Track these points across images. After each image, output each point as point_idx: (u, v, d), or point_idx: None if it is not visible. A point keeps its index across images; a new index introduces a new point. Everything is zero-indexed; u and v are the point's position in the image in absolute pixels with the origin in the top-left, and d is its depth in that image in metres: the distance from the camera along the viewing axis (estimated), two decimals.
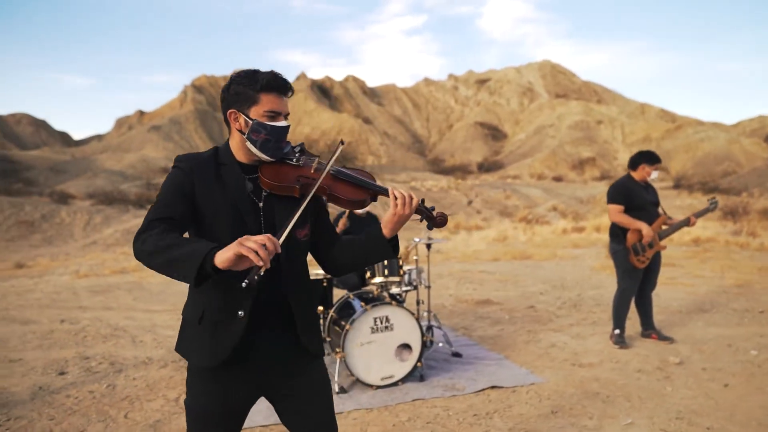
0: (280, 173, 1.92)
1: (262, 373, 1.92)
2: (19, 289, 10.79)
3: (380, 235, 1.94)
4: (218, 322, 1.84)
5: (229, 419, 1.91)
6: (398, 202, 1.89)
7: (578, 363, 4.89)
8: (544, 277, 10.21)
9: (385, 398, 4.10)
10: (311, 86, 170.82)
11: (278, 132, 1.88)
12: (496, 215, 41.43)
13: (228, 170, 1.90)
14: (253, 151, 1.89)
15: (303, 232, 1.98)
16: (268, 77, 1.86)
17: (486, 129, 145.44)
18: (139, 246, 1.66)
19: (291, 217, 1.78)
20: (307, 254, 2.06)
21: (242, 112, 1.86)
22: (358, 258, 2.01)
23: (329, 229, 2.09)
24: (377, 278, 4.79)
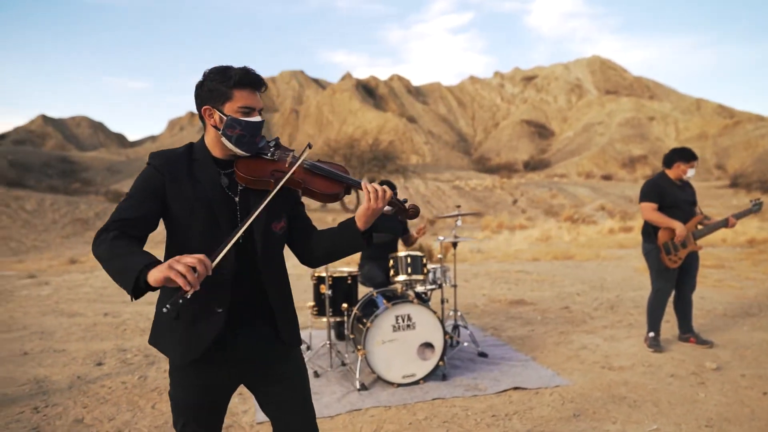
0: (255, 168, 1.93)
1: (241, 364, 1.95)
2: (70, 284, 11.30)
3: (354, 228, 1.94)
4: (195, 318, 1.86)
5: (209, 409, 1.97)
6: (371, 195, 1.90)
7: (608, 366, 4.75)
8: (583, 277, 9.95)
9: (404, 396, 4.09)
10: (356, 86, 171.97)
11: (253, 127, 1.90)
12: (541, 214, 40.67)
13: (201, 166, 1.91)
14: (229, 146, 1.90)
15: (279, 225, 2.00)
16: (241, 73, 1.86)
17: (532, 127, 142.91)
18: (95, 248, 1.69)
19: (253, 212, 1.79)
20: (284, 246, 2.08)
21: (216, 109, 1.88)
22: (333, 250, 2.02)
23: (305, 221, 2.10)
24: (400, 276, 4.78)
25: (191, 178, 1.87)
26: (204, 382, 1.91)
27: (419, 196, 44.66)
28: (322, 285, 4.84)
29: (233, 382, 1.99)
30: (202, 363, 1.88)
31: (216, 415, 2.01)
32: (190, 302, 1.56)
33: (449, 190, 48.74)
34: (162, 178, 1.83)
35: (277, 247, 2.01)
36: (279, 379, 2.00)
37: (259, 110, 1.94)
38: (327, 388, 4.33)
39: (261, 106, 1.94)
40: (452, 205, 45.29)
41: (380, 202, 1.90)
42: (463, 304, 7.57)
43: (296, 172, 1.93)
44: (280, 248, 2.04)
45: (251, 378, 2.01)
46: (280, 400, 2.01)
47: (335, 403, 4.00)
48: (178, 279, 1.47)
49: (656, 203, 5.08)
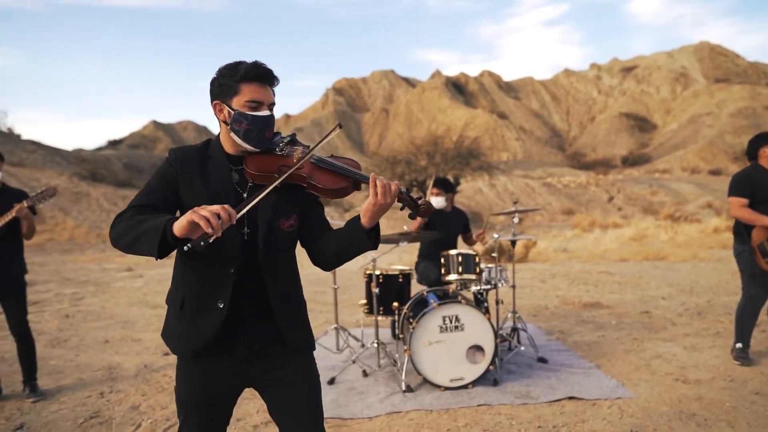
0: (263, 163, 1.90)
1: (245, 364, 1.90)
2: (160, 277, 12.05)
3: (359, 225, 1.83)
4: (198, 310, 1.85)
5: (212, 407, 1.92)
6: (378, 190, 1.78)
7: (683, 378, 4.30)
8: (673, 279, 9.19)
9: (449, 401, 3.92)
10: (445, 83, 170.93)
11: (260, 122, 1.86)
12: (638, 212, 38.30)
13: (214, 162, 1.91)
14: (238, 141, 1.89)
15: (288, 223, 1.93)
16: (249, 67, 1.85)
17: (632, 120, 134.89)
18: (112, 231, 1.74)
19: (254, 197, 1.73)
20: (294, 246, 2.00)
21: (225, 103, 1.87)
22: (340, 250, 1.91)
23: (318, 221, 2.01)
24: (452, 275, 4.60)
25: (202, 173, 1.89)
26: (206, 379, 1.89)
27: (507, 194, 43.53)
28: (372, 283, 4.77)
29: (237, 382, 1.95)
30: (205, 359, 1.87)
31: (219, 415, 1.97)
32: (209, 246, 1.56)
33: (539, 187, 47.10)
34: (175, 173, 1.86)
35: (285, 244, 1.94)
36: (284, 384, 1.93)
37: (269, 105, 1.89)
38: (373, 388, 4.25)
39: (271, 101, 1.90)
40: (542, 202, 43.74)
41: (387, 198, 1.79)
42: (532, 306, 7.22)
43: (303, 167, 1.87)
44: (289, 247, 1.97)
45: (256, 379, 1.95)
46: (285, 406, 1.94)
47: (377, 404, 3.91)
48: (201, 222, 1.50)
49: (747, 198, 4.53)
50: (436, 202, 5.34)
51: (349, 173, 1.87)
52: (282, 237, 1.92)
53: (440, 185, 5.38)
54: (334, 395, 4.12)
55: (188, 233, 1.55)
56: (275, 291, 1.90)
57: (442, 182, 5.42)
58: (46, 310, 8.20)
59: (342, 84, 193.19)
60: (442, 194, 5.35)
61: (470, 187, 41.75)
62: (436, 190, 5.35)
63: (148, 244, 1.60)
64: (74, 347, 5.86)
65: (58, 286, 10.91)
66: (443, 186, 5.39)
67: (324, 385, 4.34)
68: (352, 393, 4.16)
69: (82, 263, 15.40)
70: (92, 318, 7.58)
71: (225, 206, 1.55)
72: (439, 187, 5.36)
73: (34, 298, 9.21)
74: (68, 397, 4.36)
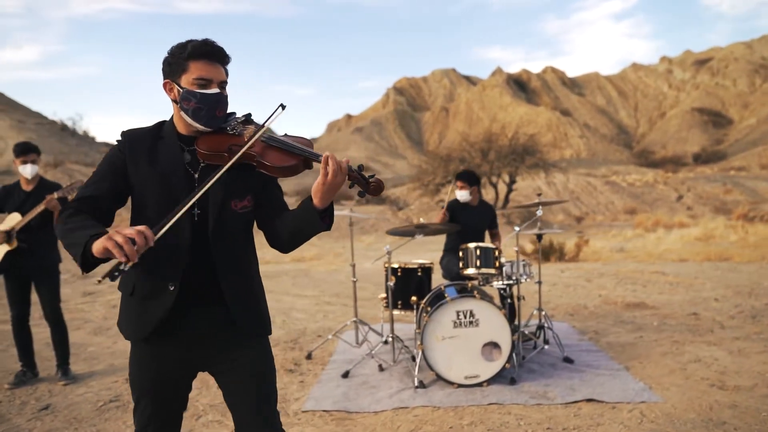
0: (213, 142, 1.87)
1: (195, 346, 1.88)
2: None
3: (310, 206, 1.77)
4: (148, 293, 1.84)
5: (163, 390, 1.90)
6: (329, 168, 1.71)
7: (720, 384, 3.97)
8: (732, 281, 8.59)
9: (460, 398, 3.79)
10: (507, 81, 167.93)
11: (209, 99, 1.83)
12: (708, 212, 36.20)
13: (165, 143, 1.90)
14: (188, 120, 1.87)
15: (241, 204, 1.89)
16: (197, 44, 1.84)
17: (705, 115, 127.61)
18: (55, 229, 1.76)
19: (202, 187, 1.72)
20: (249, 228, 1.96)
21: (175, 82, 1.86)
22: (294, 231, 1.86)
23: (274, 201, 1.96)
24: (470, 269, 4.46)
25: (151, 154, 1.87)
26: (156, 361, 1.88)
27: (567, 192, 42.13)
28: (392, 276, 4.69)
29: (188, 366, 1.93)
30: (155, 341, 1.85)
31: (171, 399, 1.95)
32: (126, 273, 1.59)
33: (601, 185, 45.30)
34: (123, 156, 1.86)
35: (237, 226, 1.91)
36: (234, 368, 1.90)
37: (220, 83, 1.86)
38: (386, 383, 4.17)
39: (222, 80, 1.88)
40: (603, 201, 42.14)
41: (337, 176, 1.72)
42: (570, 305, 6.92)
43: (254, 146, 1.83)
44: (242, 228, 1.93)
45: (207, 363, 1.93)
46: (234, 391, 1.92)
47: (386, 399, 3.83)
48: (114, 250, 1.50)
49: None
50: (461, 195, 5.20)
51: (298, 151, 1.82)
52: (234, 218, 1.88)
53: (464, 178, 5.23)
54: (345, 388, 4.08)
55: (106, 255, 1.54)
56: (226, 273, 1.87)
57: (466, 175, 5.27)
58: (97, 300, 8.60)
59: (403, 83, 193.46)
60: (466, 187, 5.20)
61: (528, 186, 40.73)
62: (460, 183, 5.21)
63: (74, 257, 1.61)
64: (114, 335, 6.10)
65: None
66: (467, 179, 5.23)
67: (338, 378, 4.31)
68: (364, 387, 4.10)
69: None
70: None
71: (141, 230, 1.54)
72: (463, 180, 5.21)
73: (89, 289, 9.69)
74: (96, 382, 4.53)
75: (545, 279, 9.36)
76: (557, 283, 8.89)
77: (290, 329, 6.12)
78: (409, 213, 28.74)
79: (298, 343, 5.49)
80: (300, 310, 7.31)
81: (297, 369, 4.65)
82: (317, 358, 4.95)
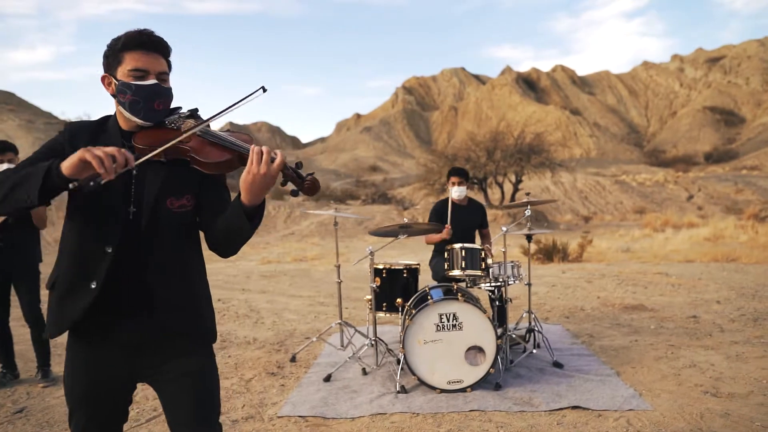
0: (150, 137, 1.76)
1: (130, 355, 1.77)
2: (210, 271, 12.30)
3: (238, 203, 1.65)
4: (68, 289, 1.73)
5: (98, 401, 1.79)
6: (254, 157, 1.59)
7: (714, 391, 3.82)
8: (737, 282, 8.38)
9: (441, 404, 3.66)
10: (516, 79, 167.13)
11: (146, 91, 1.73)
12: (719, 212, 35.73)
13: (106, 137, 1.80)
14: (126, 115, 1.77)
15: (178, 203, 1.78)
16: (132, 34, 1.74)
17: (717, 114, 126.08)
18: None
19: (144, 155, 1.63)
20: (189, 228, 1.84)
21: (112, 75, 1.76)
22: (226, 231, 1.74)
23: (215, 202, 1.84)
24: (455, 271, 4.33)
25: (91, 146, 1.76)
26: (90, 370, 1.76)
27: (575, 192, 41.80)
28: (377, 278, 4.57)
29: (124, 375, 1.80)
30: (87, 348, 1.75)
31: (107, 411, 1.83)
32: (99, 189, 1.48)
33: (610, 185, 44.85)
34: (62, 142, 1.76)
35: (173, 226, 1.79)
36: (171, 379, 1.78)
37: (159, 74, 1.75)
38: (368, 387, 4.05)
39: (161, 70, 1.77)
40: (612, 201, 41.74)
41: (264, 168, 1.59)
42: (567, 307, 6.76)
43: (188, 139, 1.73)
44: (179, 229, 1.81)
45: (144, 373, 1.80)
46: (171, 403, 1.80)
47: (366, 405, 3.71)
48: (94, 161, 1.44)
49: None
50: (458, 191, 5.06)
51: (233, 145, 1.70)
52: (170, 218, 1.77)
53: (460, 174, 5.09)
54: (325, 393, 3.96)
55: (77, 173, 1.47)
56: (159, 276, 1.75)
57: (461, 171, 5.13)
58: None
59: (412, 83, 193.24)
60: (463, 183, 5.07)
61: (536, 185, 40.43)
62: (456, 179, 5.07)
63: (28, 189, 1.51)
64: None
65: None
66: (463, 174, 5.10)
67: (319, 382, 4.19)
68: (344, 391, 3.99)
69: None
70: None
71: (122, 150, 1.49)
72: (459, 175, 5.08)
73: None
74: None
75: (545, 280, 9.20)
76: (557, 284, 8.73)
77: (279, 330, 6.02)
78: (414, 212, 28.56)
79: (284, 345, 5.39)
80: (293, 311, 7.21)
81: (279, 372, 4.55)
82: (302, 360, 4.84)
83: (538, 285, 8.71)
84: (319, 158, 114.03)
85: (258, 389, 4.15)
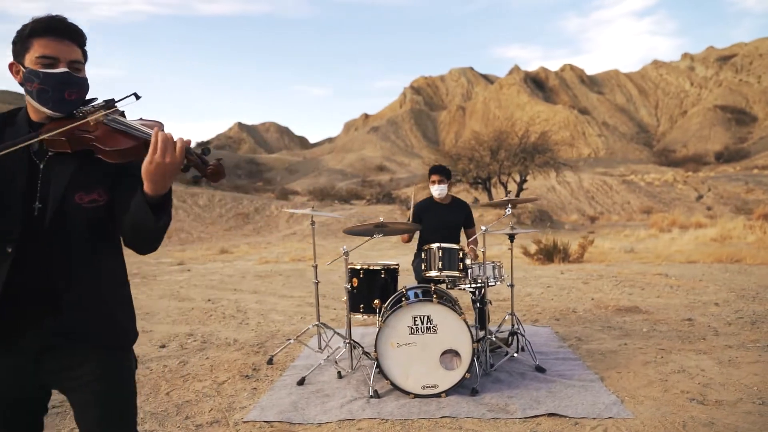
0: (57, 128, 1.63)
1: (37, 360, 1.64)
2: (206, 271, 12.27)
3: (140, 193, 1.52)
4: None
5: (7, 410, 1.67)
6: (158, 145, 1.46)
7: (701, 398, 3.65)
8: (738, 284, 8.17)
9: (413, 410, 3.52)
10: (524, 79, 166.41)
11: (54, 80, 1.61)
12: (729, 212, 35.29)
13: (14, 128, 1.69)
14: (34, 104, 1.66)
15: (88, 198, 1.65)
16: (41, 19, 1.62)
17: (728, 113, 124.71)
18: None
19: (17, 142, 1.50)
20: (102, 226, 1.71)
21: (20, 63, 1.64)
22: (130, 226, 1.61)
23: (129, 196, 1.71)
24: (432, 271, 4.18)
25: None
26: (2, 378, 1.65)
27: (582, 191, 41.48)
28: (354, 278, 4.43)
29: (32, 382, 1.67)
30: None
31: (19, 421, 1.71)
32: None
33: (617, 184, 44.45)
34: None
35: (82, 222, 1.66)
36: (81, 386, 1.67)
37: (72, 63, 1.63)
38: (341, 391, 3.92)
39: (73, 58, 1.65)
40: (619, 201, 41.37)
41: (167, 156, 1.47)
42: (558, 309, 6.59)
43: (92, 128, 1.61)
44: (89, 226, 1.67)
45: (54, 380, 1.68)
46: (82, 412, 1.69)
47: (336, 410, 3.58)
48: None
49: None
50: (438, 189, 4.92)
51: (137, 131, 1.58)
52: (79, 214, 1.64)
53: (441, 171, 4.95)
54: (297, 397, 3.83)
55: None
56: (65, 277, 1.62)
57: (442, 168, 4.99)
58: None
59: (420, 83, 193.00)
60: (444, 181, 4.93)
61: (543, 185, 40.16)
62: (437, 177, 4.93)
63: None
64: None
65: None
66: (444, 172, 4.96)
67: (292, 386, 4.07)
68: (316, 396, 3.86)
69: (143, 257, 16.04)
70: None
71: None
72: (440, 173, 4.94)
73: None
74: None
75: (542, 281, 9.02)
76: (552, 285, 8.54)
77: (261, 332, 5.90)
78: None
79: (264, 346, 5.26)
80: (280, 311, 7.09)
81: (254, 375, 4.42)
82: (279, 363, 4.71)
83: (533, 286, 8.54)
84: (326, 158, 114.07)
85: (229, 392, 4.03)
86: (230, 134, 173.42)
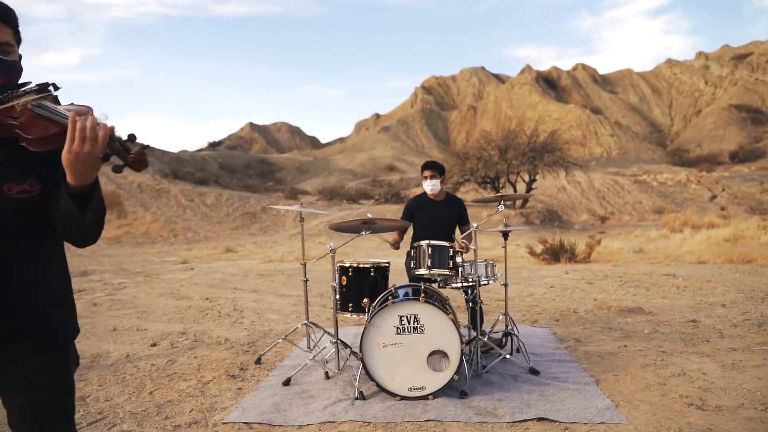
0: None
1: None
2: (209, 270, 12.22)
3: (63, 184, 1.42)
4: None
5: None
6: (76, 134, 1.35)
7: (700, 403, 3.49)
8: (748, 285, 7.94)
9: (397, 413, 3.39)
10: (536, 78, 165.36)
11: None
12: (743, 212, 34.74)
13: None
14: None
15: (18, 188, 1.54)
16: None
17: (744, 112, 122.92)
18: None
19: None
20: (36, 216, 1.61)
21: None
22: (59, 219, 1.51)
23: (60, 187, 1.61)
24: (421, 269, 4.06)
25: None
26: None
27: (592, 191, 41.05)
28: (344, 276, 4.32)
29: None
30: None
31: None
32: None
33: (629, 184, 43.91)
34: None
35: (11, 214, 1.56)
36: (11, 386, 1.58)
37: (0, 44, 1.53)
38: (327, 392, 3.81)
39: (3, 40, 1.55)
40: (631, 201, 40.89)
41: (87, 145, 1.37)
42: (559, 309, 6.43)
43: (18, 113, 1.51)
44: (20, 216, 1.57)
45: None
46: (14, 411, 1.60)
47: (318, 411, 3.47)
48: None
49: None
50: (431, 185, 4.80)
51: (60, 116, 1.47)
52: (8, 205, 1.53)
53: (433, 167, 4.83)
54: (280, 398, 3.73)
55: None
56: None
57: (434, 164, 4.87)
58: (83, 298, 8.44)
59: (431, 82, 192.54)
60: (436, 176, 4.80)
61: (553, 185, 39.79)
62: (429, 172, 4.81)
63: None
64: (80, 335, 5.87)
65: (112, 276, 11.34)
66: (437, 168, 4.84)
67: (277, 386, 3.96)
68: (301, 397, 3.75)
69: (148, 255, 16.07)
70: (117, 307, 7.69)
71: None
72: (432, 169, 4.82)
73: (83, 287, 9.58)
74: None
75: (545, 281, 8.86)
76: (555, 285, 8.37)
77: (254, 331, 5.80)
78: None
79: (254, 346, 5.17)
80: (276, 311, 6.99)
81: (241, 375, 4.32)
82: (267, 363, 4.61)
83: (536, 286, 8.38)
84: (336, 158, 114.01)
85: (213, 392, 3.94)
86: (242, 134, 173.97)
